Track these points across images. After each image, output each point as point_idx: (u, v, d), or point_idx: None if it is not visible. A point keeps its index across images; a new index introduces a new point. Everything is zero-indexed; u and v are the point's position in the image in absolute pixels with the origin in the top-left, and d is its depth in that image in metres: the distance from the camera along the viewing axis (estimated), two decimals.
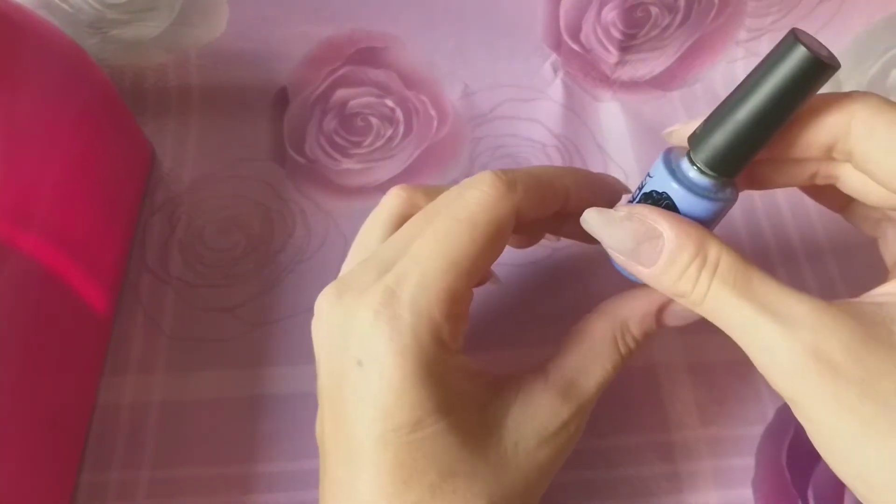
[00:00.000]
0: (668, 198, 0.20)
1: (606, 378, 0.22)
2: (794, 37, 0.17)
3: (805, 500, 0.26)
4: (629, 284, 0.22)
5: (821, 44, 0.18)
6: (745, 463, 0.27)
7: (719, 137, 0.19)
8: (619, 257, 0.20)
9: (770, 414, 0.27)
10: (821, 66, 0.17)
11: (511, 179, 0.20)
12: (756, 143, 0.18)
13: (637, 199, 0.21)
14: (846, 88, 0.35)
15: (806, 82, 0.17)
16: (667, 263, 0.18)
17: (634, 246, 0.19)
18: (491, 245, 0.20)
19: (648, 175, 0.21)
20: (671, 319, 0.23)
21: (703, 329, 0.29)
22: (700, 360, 0.29)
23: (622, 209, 0.19)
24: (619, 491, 0.26)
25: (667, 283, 0.19)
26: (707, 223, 0.20)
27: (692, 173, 0.19)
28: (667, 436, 0.27)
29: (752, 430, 0.27)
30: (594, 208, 0.20)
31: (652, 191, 0.20)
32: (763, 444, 0.27)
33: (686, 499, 0.26)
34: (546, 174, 0.22)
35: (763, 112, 0.18)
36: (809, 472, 0.26)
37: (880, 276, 0.21)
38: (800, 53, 0.17)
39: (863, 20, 0.34)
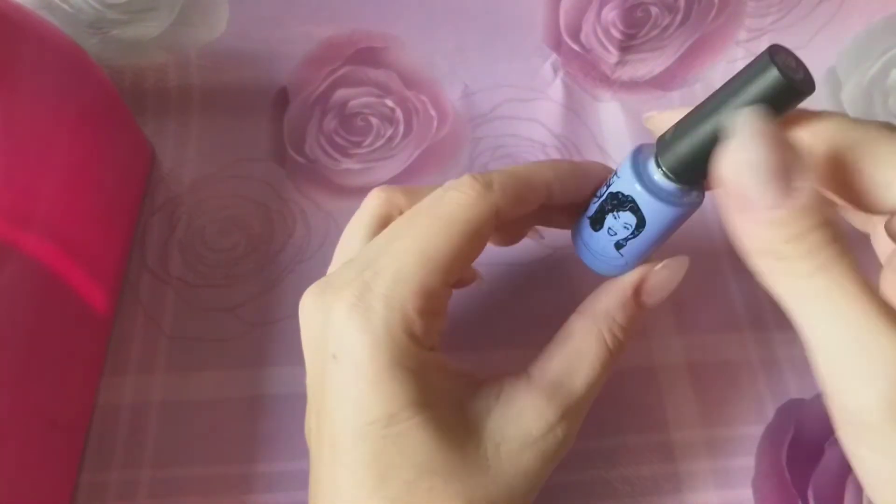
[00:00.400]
0: (633, 201, 0.20)
1: (595, 377, 0.21)
2: (769, 56, 0.16)
3: (805, 500, 0.26)
4: None
5: (799, 62, 0.17)
6: (745, 463, 0.27)
7: (685, 146, 0.18)
8: (734, 181, 0.16)
9: (770, 414, 0.27)
10: (792, 91, 0.16)
11: (487, 180, 0.20)
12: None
13: (603, 197, 0.21)
14: (846, 88, 0.35)
15: (776, 105, 0.17)
16: (793, 215, 0.15)
17: (770, 177, 0.15)
18: (468, 244, 0.20)
19: (615, 174, 0.21)
20: (648, 298, 0.22)
21: (703, 329, 0.29)
22: (700, 360, 0.29)
23: (787, 131, 0.16)
24: (619, 491, 0.26)
25: (774, 236, 0.15)
26: (670, 229, 0.20)
27: (657, 176, 0.19)
28: (667, 436, 0.27)
29: (752, 430, 0.27)
30: (759, 112, 0.16)
31: (618, 192, 0.20)
32: (763, 444, 0.27)
33: (686, 499, 0.26)
34: (525, 172, 0.22)
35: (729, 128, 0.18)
36: (809, 472, 0.26)
37: (874, 271, 0.20)
38: (772, 76, 0.16)
39: (863, 20, 0.34)
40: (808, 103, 0.18)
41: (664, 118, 0.20)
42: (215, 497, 0.26)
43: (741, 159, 0.16)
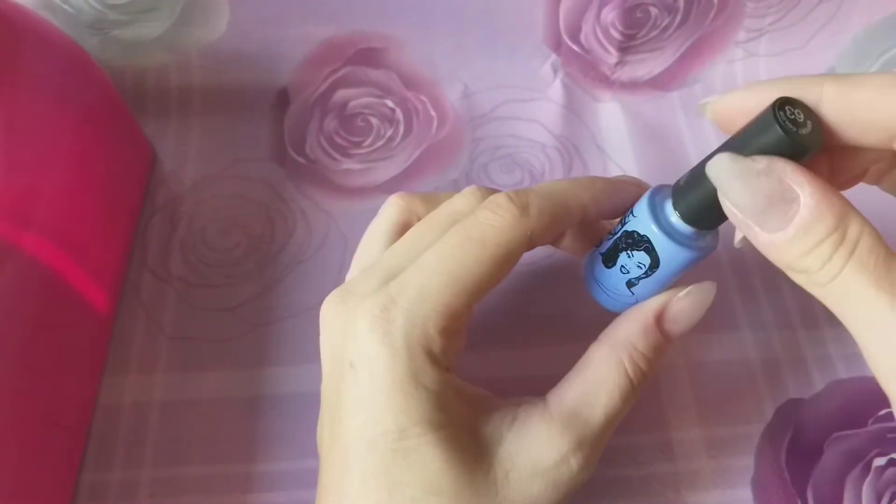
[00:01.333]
0: (648, 241, 0.20)
1: (615, 407, 0.21)
2: (773, 110, 0.16)
3: (805, 500, 0.26)
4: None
5: (809, 113, 0.17)
6: (744, 463, 0.27)
7: (697, 194, 0.18)
8: (738, 216, 0.17)
9: (769, 413, 0.27)
10: (796, 147, 0.16)
11: (524, 203, 0.20)
12: None
13: (618, 235, 0.21)
14: None
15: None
16: (799, 233, 0.16)
17: (764, 206, 0.16)
18: (498, 268, 0.20)
19: (631, 213, 0.20)
20: (672, 325, 0.22)
21: (702, 329, 0.29)
22: (700, 359, 0.29)
23: (761, 160, 0.16)
24: (619, 491, 0.26)
25: (790, 256, 0.16)
26: (683, 271, 0.20)
27: (674, 218, 0.19)
28: (667, 436, 0.27)
29: (752, 429, 0.27)
30: (729, 154, 0.17)
31: (634, 231, 0.20)
32: (762, 443, 0.27)
33: (686, 499, 0.26)
34: (561, 194, 0.21)
35: None
36: (809, 472, 0.26)
37: None
38: (774, 133, 0.16)
39: (862, 20, 0.34)
40: None
41: (722, 101, 0.18)
42: (215, 497, 0.26)
43: (728, 203, 0.17)
